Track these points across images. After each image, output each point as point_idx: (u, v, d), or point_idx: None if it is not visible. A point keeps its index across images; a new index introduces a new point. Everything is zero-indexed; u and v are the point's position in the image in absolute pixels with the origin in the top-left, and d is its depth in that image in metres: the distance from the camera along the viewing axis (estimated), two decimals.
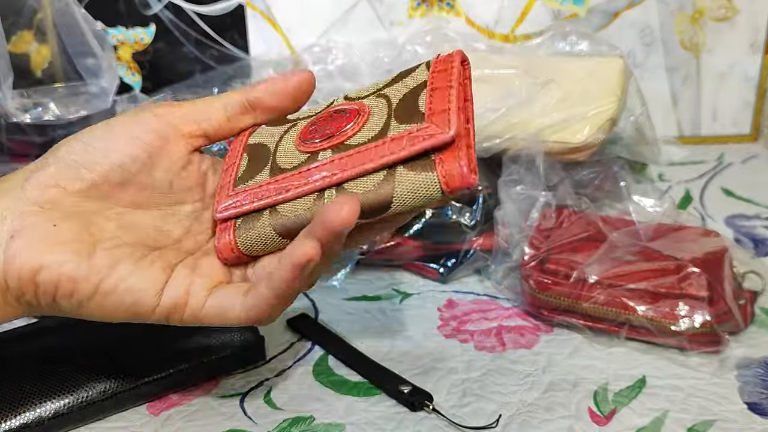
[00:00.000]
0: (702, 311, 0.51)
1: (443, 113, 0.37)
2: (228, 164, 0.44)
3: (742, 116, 0.92)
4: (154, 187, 0.42)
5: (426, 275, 0.64)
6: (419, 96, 0.39)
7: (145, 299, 0.39)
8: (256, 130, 0.45)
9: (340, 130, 0.40)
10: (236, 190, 0.41)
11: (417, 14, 0.87)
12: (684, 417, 0.46)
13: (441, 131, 0.36)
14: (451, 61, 0.40)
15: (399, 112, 0.39)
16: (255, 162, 0.42)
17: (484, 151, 0.67)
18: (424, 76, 0.40)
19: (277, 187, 0.40)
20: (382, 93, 0.41)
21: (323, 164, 0.39)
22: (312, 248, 0.35)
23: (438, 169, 0.36)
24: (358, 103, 0.41)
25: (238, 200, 0.41)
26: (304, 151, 0.40)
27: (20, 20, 0.77)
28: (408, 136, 0.37)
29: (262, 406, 0.49)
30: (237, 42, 0.86)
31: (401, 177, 0.36)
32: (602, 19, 0.87)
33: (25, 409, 0.44)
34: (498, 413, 0.47)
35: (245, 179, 0.42)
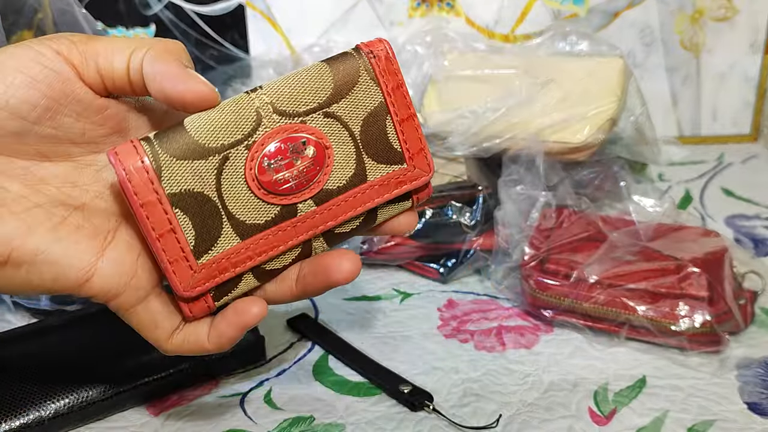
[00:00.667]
0: (702, 311, 0.51)
1: (420, 153, 0.40)
2: (156, 231, 0.35)
3: (742, 116, 0.92)
4: (62, 136, 0.36)
5: (426, 275, 0.64)
6: (385, 125, 0.39)
7: (68, 275, 0.34)
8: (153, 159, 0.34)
9: (315, 179, 0.37)
10: (202, 263, 0.36)
11: (417, 14, 0.87)
12: (684, 417, 0.46)
13: (424, 174, 0.40)
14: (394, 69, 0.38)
15: (369, 146, 0.38)
16: (201, 220, 0.35)
17: (484, 151, 0.67)
18: (377, 96, 0.38)
19: (259, 249, 0.37)
20: (329, 112, 0.37)
21: (308, 216, 0.38)
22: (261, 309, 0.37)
23: (413, 196, 0.41)
24: (307, 128, 0.37)
25: (211, 274, 0.36)
26: (273, 202, 0.37)
27: (20, 20, 0.77)
28: (394, 181, 0.39)
29: (262, 406, 0.49)
30: (237, 42, 0.86)
31: (384, 209, 0.41)
32: (602, 19, 0.87)
33: (25, 409, 0.44)
34: (498, 413, 0.47)
35: (206, 247, 0.36)
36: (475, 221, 0.63)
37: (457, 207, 0.64)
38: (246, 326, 0.37)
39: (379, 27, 0.87)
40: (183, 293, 0.36)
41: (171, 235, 0.35)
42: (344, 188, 0.38)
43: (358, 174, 0.38)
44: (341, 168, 0.38)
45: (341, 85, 0.37)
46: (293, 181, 0.37)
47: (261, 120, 0.36)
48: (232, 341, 0.38)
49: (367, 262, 0.65)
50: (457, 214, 0.63)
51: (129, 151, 0.34)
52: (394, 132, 0.39)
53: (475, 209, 0.64)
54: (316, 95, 0.37)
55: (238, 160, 0.36)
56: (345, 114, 0.38)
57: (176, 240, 0.35)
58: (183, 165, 0.35)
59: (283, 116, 0.36)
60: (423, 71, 0.75)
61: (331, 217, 0.38)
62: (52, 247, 0.34)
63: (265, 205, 0.37)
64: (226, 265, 0.36)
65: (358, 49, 0.38)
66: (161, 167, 0.34)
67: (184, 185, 0.35)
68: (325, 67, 0.37)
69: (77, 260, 0.34)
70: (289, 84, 0.37)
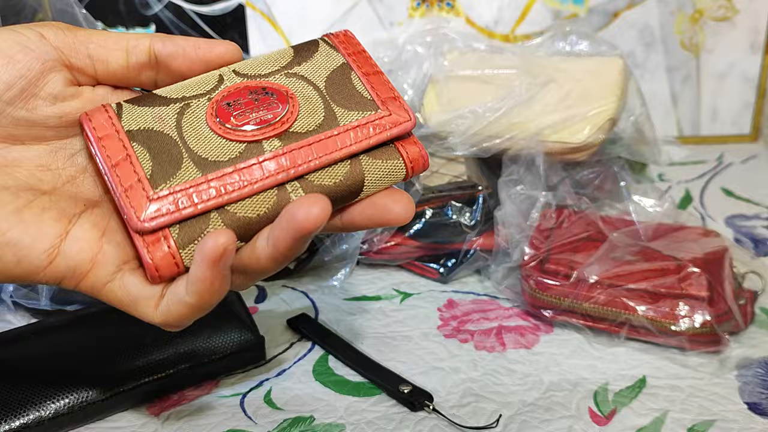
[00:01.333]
0: (702, 311, 0.51)
1: (395, 100, 0.38)
2: (112, 159, 0.34)
3: (742, 116, 0.92)
4: (37, 120, 0.35)
5: (426, 275, 0.64)
6: (351, 79, 0.38)
7: (31, 258, 0.33)
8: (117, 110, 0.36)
9: (279, 117, 0.36)
10: (158, 192, 0.34)
11: (417, 14, 0.87)
12: (684, 417, 0.46)
13: (405, 119, 0.38)
14: (355, 42, 0.40)
15: (336, 96, 0.38)
16: (160, 154, 0.35)
17: (484, 151, 0.67)
18: (338, 58, 0.39)
19: (224, 185, 0.34)
20: (292, 73, 0.38)
21: (275, 156, 0.35)
22: (225, 238, 0.31)
23: (403, 155, 0.38)
24: (268, 82, 0.38)
25: (170, 204, 0.34)
26: (235, 139, 0.35)
27: (20, 20, 0.77)
28: (371, 125, 0.37)
29: (262, 406, 0.49)
30: (237, 42, 0.86)
31: (368, 166, 0.37)
32: (602, 19, 0.87)
33: (25, 409, 0.44)
34: (498, 413, 0.47)
35: (164, 177, 0.34)
36: (475, 221, 0.63)
37: (457, 207, 0.64)
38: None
39: (379, 27, 0.87)
40: (137, 223, 0.33)
41: (126, 162, 0.34)
42: (314, 131, 0.36)
43: (329, 119, 0.37)
44: (309, 115, 0.37)
45: (302, 54, 0.39)
46: (254, 118, 0.36)
47: (223, 80, 0.37)
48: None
49: (367, 262, 0.65)
50: (457, 214, 0.63)
51: (96, 108, 0.36)
52: (360, 83, 0.38)
53: (475, 209, 0.64)
54: (277, 62, 0.39)
55: (200, 107, 0.36)
56: (307, 73, 0.38)
57: (132, 167, 0.34)
58: (144, 110, 0.36)
59: (244, 77, 0.38)
60: (423, 71, 0.75)
61: (303, 158, 0.35)
62: (15, 229, 0.33)
63: (227, 142, 0.35)
64: (185, 198, 0.34)
65: (322, 36, 0.41)
66: (123, 111, 0.36)
67: (143, 124, 0.35)
68: (288, 47, 0.40)
69: (40, 242, 0.33)
70: (253, 59, 0.39)
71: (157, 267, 0.33)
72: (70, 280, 0.34)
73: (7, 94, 0.34)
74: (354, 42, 0.40)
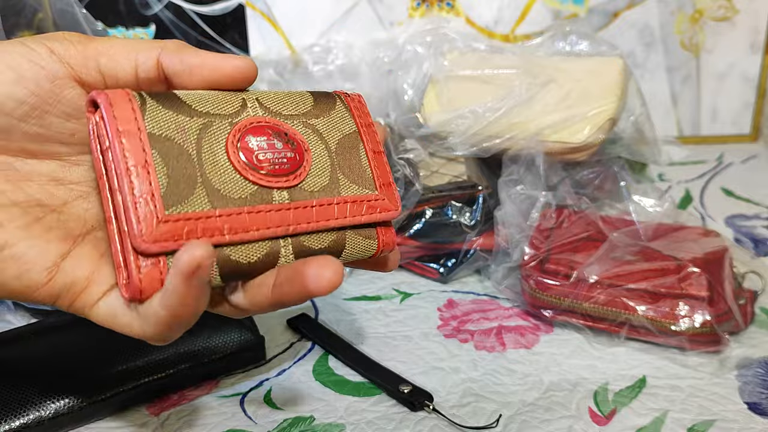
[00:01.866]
0: (702, 311, 0.51)
1: (389, 188, 0.40)
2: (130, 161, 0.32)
3: (742, 116, 0.92)
4: (50, 135, 0.35)
5: (426, 275, 0.64)
6: (359, 152, 0.39)
7: (32, 273, 0.33)
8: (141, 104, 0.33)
9: (294, 170, 0.36)
10: (169, 215, 0.32)
11: (417, 14, 0.87)
12: (684, 417, 0.46)
13: (393, 209, 0.39)
14: (367, 112, 0.41)
15: (343, 165, 0.39)
16: (177, 172, 0.33)
17: (484, 151, 0.67)
18: (351, 124, 0.40)
19: (230, 225, 0.33)
20: (309, 124, 0.38)
21: (282, 208, 0.35)
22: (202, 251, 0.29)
23: (380, 239, 0.40)
24: (289, 128, 0.37)
25: (178, 232, 0.32)
26: (249, 179, 0.34)
27: (20, 20, 0.77)
28: (366, 204, 0.39)
29: (262, 406, 0.49)
30: (237, 42, 0.86)
31: (350, 239, 0.39)
32: (602, 19, 0.87)
33: (25, 409, 0.44)
34: (498, 413, 0.47)
35: (177, 199, 0.32)
36: (475, 221, 0.63)
37: (457, 207, 0.64)
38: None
39: (379, 27, 0.87)
40: (141, 243, 0.31)
41: (144, 170, 0.31)
42: (317, 194, 0.37)
43: (333, 185, 0.38)
44: (317, 175, 0.37)
45: (320, 106, 0.39)
46: (273, 164, 0.35)
47: (246, 106, 0.36)
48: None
49: None
50: (457, 214, 0.63)
51: (118, 91, 0.33)
52: (366, 159, 0.40)
53: (475, 209, 0.64)
54: (298, 106, 0.39)
55: (222, 130, 0.35)
56: (323, 129, 0.39)
57: (149, 177, 0.31)
58: (168, 114, 0.33)
59: (266, 111, 0.37)
60: (423, 71, 0.75)
61: (304, 217, 0.36)
62: (20, 244, 0.33)
63: (242, 180, 0.34)
64: (194, 227, 0.32)
65: (337, 92, 0.41)
66: (146, 107, 0.33)
67: (165, 131, 0.33)
68: (307, 93, 0.40)
69: (43, 258, 0.33)
70: (275, 93, 0.39)
71: (142, 290, 0.32)
72: (65, 299, 0.34)
73: (18, 111, 0.34)
74: (365, 111, 0.41)
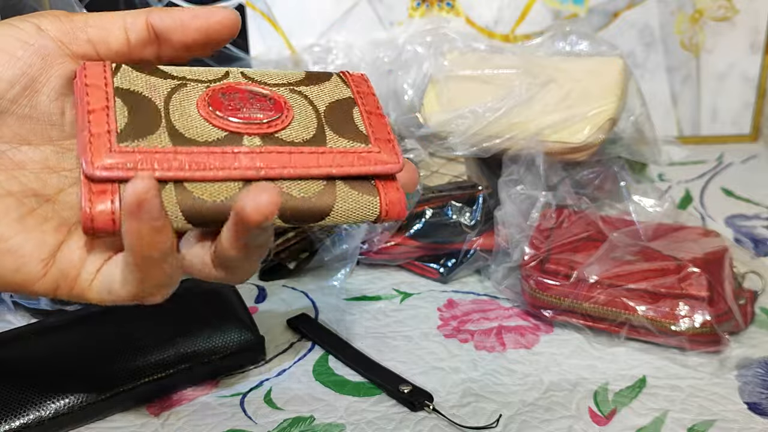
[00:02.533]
0: (702, 311, 0.51)
1: (388, 143, 0.38)
2: (90, 105, 0.34)
3: (742, 116, 0.92)
4: (41, 117, 0.35)
5: (426, 275, 0.64)
6: (352, 112, 0.38)
7: (29, 266, 0.33)
8: (115, 69, 0.36)
9: (268, 120, 0.36)
10: (123, 147, 0.33)
11: (417, 14, 0.87)
12: (684, 417, 0.46)
13: (393, 161, 0.37)
14: (369, 85, 0.40)
15: (332, 122, 0.37)
16: (138, 116, 0.34)
17: (484, 151, 0.67)
18: (346, 92, 0.39)
19: (190, 161, 0.33)
20: (297, 90, 0.38)
21: (253, 152, 0.34)
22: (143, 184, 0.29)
23: (381, 195, 0.37)
24: (271, 91, 0.37)
25: (130, 161, 0.32)
26: (217, 125, 0.35)
27: None
28: (357, 154, 0.37)
29: (262, 406, 0.49)
30: (237, 42, 0.86)
31: (343, 192, 0.36)
32: (602, 19, 0.87)
33: (25, 409, 0.44)
34: (498, 413, 0.47)
35: (133, 136, 0.33)
36: (475, 221, 0.63)
37: (457, 207, 0.64)
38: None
39: (379, 27, 0.87)
40: (90, 166, 0.32)
41: (102, 112, 0.33)
42: (298, 144, 0.36)
43: (317, 139, 0.36)
44: (299, 129, 0.36)
45: (312, 79, 0.39)
46: (244, 114, 0.35)
47: (228, 76, 0.37)
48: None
49: (367, 262, 0.64)
50: (457, 214, 0.63)
51: (96, 62, 0.36)
52: (360, 118, 0.38)
53: (475, 209, 0.64)
54: (287, 78, 0.39)
55: (195, 90, 0.36)
56: (311, 94, 0.38)
57: (106, 118, 0.33)
58: (140, 75, 0.36)
59: (249, 80, 0.38)
60: (423, 71, 0.75)
61: (278, 162, 0.35)
62: (17, 237, 0.33)
63: (208, 126, 0.35)
64: (146, 159, 0.33)
65: (337, 72, 0.41)
66: (119, 70, 0.35)
67: (134, 86, 0.35)
68: (302, 71, 0.40)
69: (38, 251, 0.33)
70: (264, 70, 0.39)
71: (92, 217, 0.32)
72: (63, 288, 0.34)
73: (11, 93, 0.34)
74: (367, 85, 0.40)
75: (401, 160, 0.37)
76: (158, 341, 0.49)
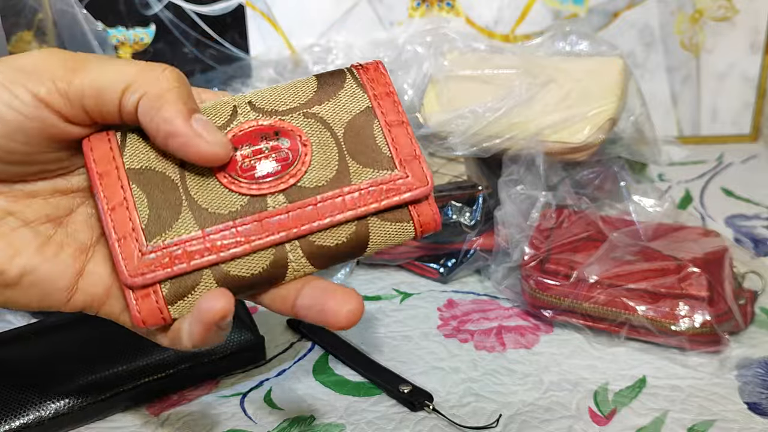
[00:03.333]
0: (702, 311, 0.51)
1: (414, 161, 0.36)
2: (109, 203, 0.33)
3: (742, 116, 0.92)
4: (46, 166, 0.34)
5: (426, 275, 0.64)
6: (372, 129, 0.36)
7: (53, 296, 0.34)
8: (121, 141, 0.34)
9: (287, 170, 0.34)
10: (153, 245, 0.33)
11: (417, 14, 0.87)
12: (684, 417, 0.46)
13: (422, 184, 0.36)
14: (385, 80, 0.37)
15: (353, 149, 0.35)
16: (159, 201, 0.33)
17: (484, 151, 0.67)
18: (363, 100, 0.37)
19: (219, 242, 0.33)
20: (311, 113, 0.36)
21: (278, 213, 0.34)
22: (223, 304, 0.31)
23: (414, 218, 0.36)
24: (283, 123, 0.36)
25: (162, 261, 0.32)
26: (238, 191, 0.34)
27: (21, 20, 0.77)
28: (384, 185, 0.35)
29: (262, 406, 0.49)
30: (237, 42, 0.86)
31: (375, 227, 0.36)
32: (602, 19, 0.87)
33: (25, 409, 0.44)
34: (498, 413, 0.47)
35: (159, 229, 0.33)
36: (475, 221, 0.63)
37: (457, 207, 0.64)
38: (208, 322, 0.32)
39: (379, 27, 0.87)
40: (127, 278, 0.32)
41: (122, 208, 0.33)
42: (323, 188, 0.34)
43: (341, 176, 0.35)
44: (321, 167, 0.35)
45: (326, 89, 0.37)
46: (262, 171, 0.34)
47: (237, 114, 0.35)
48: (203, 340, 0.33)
49: (367, 262, 0.65)
50: (457, 214, 0.63)
51: (99, 134, 0.34)
52: (382, 136, 0.36)
53: (475, 209, 0.64)
54: (298, 97, 0.36)
55: None
56: (327, 116, 0.36)
57: (128, 215, 0.33)
58: (149, 144, 0.34)
59: (259, 113, 0.36)
60: (423, 71, 0.75)
61: (307, 218, 0.34)
62: (38, 269, 0.33)
63: (230, 193, 0.34)
64: (180, 254, 0.33)
65: (350, 67, 0.38)
66: (126, 143, 0.34)
67: (146, 162, 0.34)
68: (312, 78, 0.37)
69: (60, 280, 0.34)
70: (273, 89, 0.37)
71: (144, 320, 0.33)
72: (90, 310, 0.35)
73: (10, 158, 0.33)
74: (384, 80, 0.38)
75: (430, 179, 0.36)
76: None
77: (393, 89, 0.37)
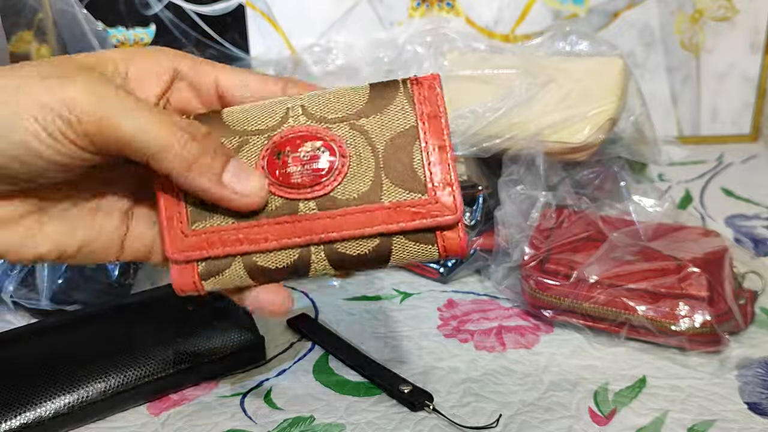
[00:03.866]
0: (702, 311, 0.51)
1: (448, 187, 0.36)
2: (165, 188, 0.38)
3: (742, 116, 0.92)
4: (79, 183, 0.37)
5: (426, 275, 0.64)
6: (412, 151, 0.37)
7: (108, 257, 0.39)
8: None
9: (322, 180, 0.37)
10: (194, 230, 0.37)
11: (417, 14, 0.87)
12: (684, 417, 0.46)
13: (449, 212, 0.36)
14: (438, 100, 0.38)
15: (390, 166, 0.37)
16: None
17: (484, 151, 0.67)
18: (410, 119, 0.37)
19: (250, 236, 0.37)
20: (357, 126, 0.37)
21: (308, 219, 0.36)
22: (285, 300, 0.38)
23: (439, 243, 0.37)
24: (329, 132, 0.37)
25: (200, 244, 0.37)
26: (275, 194, 0.37)
27: (21, 20, 0.77)
28: (411, 211, 0.36)
29: (262, 406, 0.49)
30: (237, 42, 0.86)
31: (399, 244, 0.37)
32: (602, 19, 0.87)
33: (25, 409, 0.44)
34: (498, 413, 0.47)
35: (200, 217, 0.37)
36: (475, 221, 0.63)
37: None
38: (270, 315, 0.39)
39: (379, 27, 0.87)
40: (171, 254, 0.37)
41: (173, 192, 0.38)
42: (353, 201, 0.36)
43: (373, 191, 0.36)
44: (355, 181, 0.37)
45: (376, 102, 0.38)
46: (299, 177, 0.37)
47: (288, 118, 0.38)
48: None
49: None
50: None
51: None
52: (420, 159, 0.37)
53: (475, 209, 0.64)
54: (348, 106, 0.38)
55: (256, 146, 0.37)
56: (372, 129, 0.37)
57: (179, 204, 0.38)
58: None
59: (309, 118, 0.38)
60: (423, 71, 0.75)
61: (333, 226, 0.36)
62: (93, 243, 0.38)
63: (268, 194, 0.37)
64: (215, 240, 0.37)
65: (406, 79, 0.39)
66: None
67: None
68: (367, 86, 0.38)
69: (110, 248, 0.39)
70: (327, 93, 0.38)
71: (181, 288, 0.38)
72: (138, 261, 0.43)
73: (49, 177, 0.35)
74: (436, 100, 0.38)
75: (460, 208, 0.36)
76: (158, 341, 0.49)
77: (443, 110, 0.38)
